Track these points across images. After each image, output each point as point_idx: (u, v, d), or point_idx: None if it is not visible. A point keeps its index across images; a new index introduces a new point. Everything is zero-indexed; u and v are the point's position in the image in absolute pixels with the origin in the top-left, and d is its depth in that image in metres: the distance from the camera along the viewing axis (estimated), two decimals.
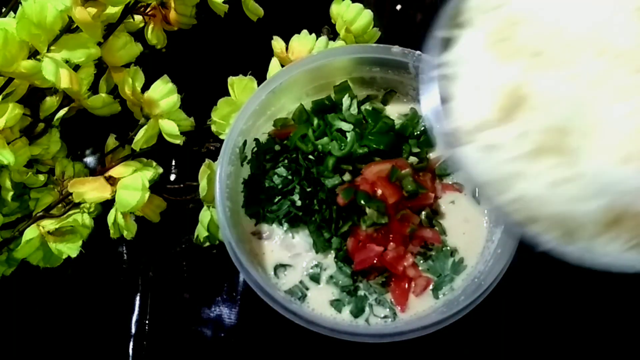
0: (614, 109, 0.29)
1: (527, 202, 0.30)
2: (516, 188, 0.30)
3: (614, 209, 0.29)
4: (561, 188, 0.29)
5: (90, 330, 0.53)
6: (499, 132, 0.30)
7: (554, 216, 0.29)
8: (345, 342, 0.42)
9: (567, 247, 0.30)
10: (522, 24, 0.31)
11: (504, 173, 0.30)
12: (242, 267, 0.44)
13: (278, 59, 0.52)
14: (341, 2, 0.53)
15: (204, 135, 0.54)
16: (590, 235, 0.30)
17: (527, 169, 0.30)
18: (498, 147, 0.30)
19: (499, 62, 0.31)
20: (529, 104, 0.29)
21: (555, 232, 0.30)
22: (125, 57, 0.49)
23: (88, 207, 0.49)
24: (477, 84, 0.31)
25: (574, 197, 0.29)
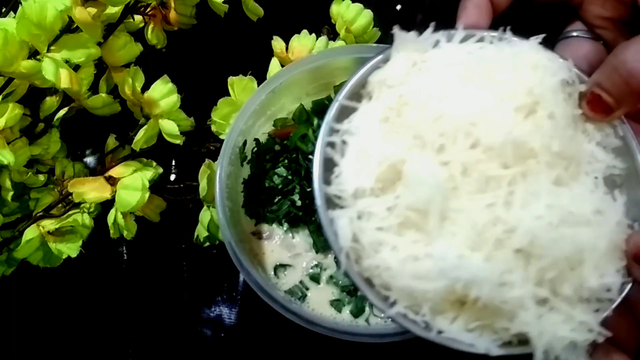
0: (474, 199, 0.31)
1: (382, 271, 0.32)
2: (376, 257, 0.32)
3: (453, 292, 0.30)
4: (410, 264, 0.31)
5: (90, 330, 0.53)
6: (373, 202, 0.32)
7: (403, 288, 0.31)
8: (345, 342, 0.42)
9: (415, 318, 0.31)
10: (410, 106, 0.33)
11: (369, 241, 0.32)
12: (242, 267, 0.44)
13: (278, 59, 0.52)
14: (341, 2, 0.53)
15: (204, 135, 0.54)
16: (435, 311, 0.31)
17: (390, 240, 0.31)
18: (369, 216, 0.32)
19: (387, 137, 0.33)
20: (403, 181, 0.32)
21: (405, 302, 0.32)
22: (125, 57, 0.49)
23: (88, 207, 0.49)
24: (363, 154, 0.33)
25: (419, 274, 0.31)
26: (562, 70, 0.34)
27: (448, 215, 0.31)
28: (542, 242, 0.30)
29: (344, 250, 0.32)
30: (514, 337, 0.31)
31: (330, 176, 0.34)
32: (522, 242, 0.30)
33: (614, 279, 0.32)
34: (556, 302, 0.31)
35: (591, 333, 0.31)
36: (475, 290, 0.30)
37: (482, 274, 0.29)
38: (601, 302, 0.32)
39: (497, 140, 0.31)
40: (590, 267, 0.31)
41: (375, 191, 0.33)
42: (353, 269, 0.33)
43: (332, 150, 0.34)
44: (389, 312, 0.32)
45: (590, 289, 0.31)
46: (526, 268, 0.30)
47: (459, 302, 0.31)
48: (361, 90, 0.36)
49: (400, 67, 0.35)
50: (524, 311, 0.30)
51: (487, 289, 0.30)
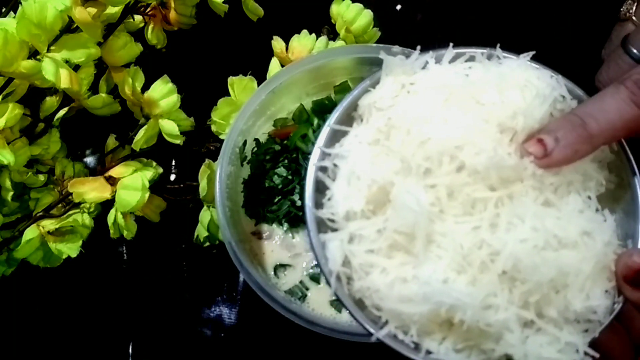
0: (460, 222, 0.31)
1: (372, 293, 0.32)
2: (366, 279, 0.32)
3: (439, 315, 0.31)
4: (398, 287, 0.31)
5: (90, 330, 0.53)
6: (364, 224, 0.33)
7: (391, 310, 0.32)
8: (345, 342, 0.42)
9: (404, 338, 0.32)
10: (397, 129, 0.33)
11: (360, 263, 0.32)
12: (242, 267, 0.44)
13: (278, 59, 0.52)
14: (341, 2, 0.53)
15: (204, 135, 0.54)
16: (423, 332, 0.32)
17: (380, 262, 0.32)
18: (360, 239, 0.33)
19: (376, 160, 0.33)
20: (392, 204, 0.32)
21: (395, 323, 0.32)
22: (125, 57, 0.49)
23: (88, 207, 0.49)
24: (354, 178, 0.33)
25: (405, 297, 0.31)
26: (551, 90, 0.34)
27: (434, 238, 0.31)
28: (525, 265, 0.30)
29: (334, 273, 0.33)
30: (502, 358, 0.32)
31: (322, 199, 0.34)
32: (506, 266, 0.30)
33: (600, 301, 0.32)
34: (542, 324, 0.31)
35: (578, 354, 0.31)
36: (459, 314, 0.30)
37: (466, 298, 0.30)
38: (590, 323, 0.32)
39: (482, 163, 0.31)
40: (575, 290, 0.31)
41: (366, 213, 0.33)
42: (343, 292, 0.33)
43: (324, 174, 0.35)
44: (378, 334, 0.32)
45: (575, 312, 0.31)
46: (511, 291, 0.31)
47: (448, 323, 0.32)
48: (352, 113, 0.37)
49: (388, 90, 0.35)
50: (509, 333, 0.31)
51: (471, 313, 0.30)
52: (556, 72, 0.36)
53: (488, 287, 0.30)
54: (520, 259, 0.30)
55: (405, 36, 0.56)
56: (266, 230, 0.49)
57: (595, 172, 0.34)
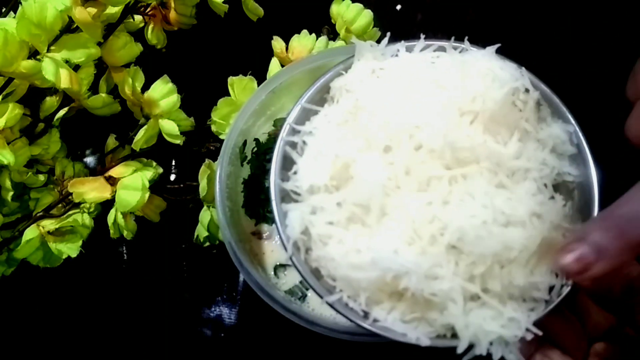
0: (414, 198, 0.33)
1: (327, 262, 0.34)
2: (324, 249, 0.34)
3: (386, 283, 0.32)
4: (351, 256, 0.33)
5: (90, 330, 0.53)
6: (326, 197, 0.34)
7: (344, 277, 0.33)
8: (345, 342, 0.42)
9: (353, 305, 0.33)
10: (363, 110, 0.35)
11: (319, 233, 0.34)
12: (242, 267, 0.44)
13: (278, 59, 0.52)
14: (341, 2, 0.53)
15: (204, 135, 0.54)
16: (372, 301, 0.33)
17: (338, 234, 0.33)
18: (321, 210, 0.34)
19: (342, 138, 0.35)
20: (353, 179, 0.34)
21: (348, 292, 0.34)
22: (125, 57, 0.49)
23: (88, 207, 0.49)
24: (320, 154, 0.35)
25: (355, 265, 0.32)
26: (510, 77, 0.35)
27: (389, 211, 0.33)
28: (470, 238, 0.31)
29: (292, 240, 0.34)
30: (448, 331, 0.33)
31: (289, 173, 0.36)
32: (453, 239, 0.31)
33: (543, 278, 0.32)
34: (487, 298, 0.32)
35: (521, 331, 0.32)
36: (404, 280, 0.31)
37: (412, 266, 0.31)
38: (536, 302, 0.33)
39: (438, 143, 0.32)
40: (519, 265, 0.32)
41: (329, 188, 0.34)
42: (299, 258, 0.34)
43: (292, 150, 0.36)
44: (328, 299, 0.33)
45: (519, 287, 0.32)
46: (457, 264, 0.32)
47: (398, 294, 0.33)
48: (325, 95, 0.39)
49: (359, 74, 0.37)
50: (452, 304, 0.32)
51: (416, 280, 0.31)
52: (521, 65, 0.37)
53: (435, 258, 0.31)
54: (467, 232, 0.31)
55: (405, 36, 0.56)
56: (266, 230, 0.49)
57: (553, 162, 0.35)
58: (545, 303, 0.33)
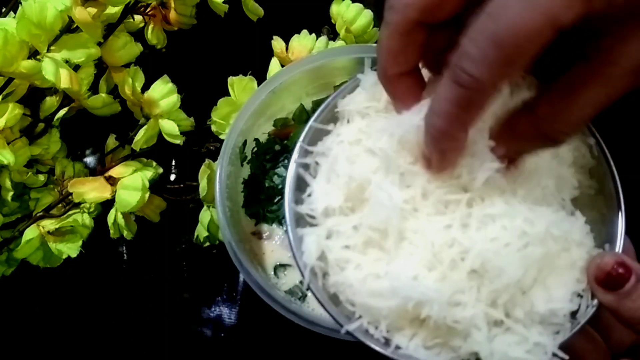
0: (433, 221, 0.31)
1: (345, 288, 0.33)
2: (341, 274, 0.33)
3: (407, 310, 0.31)
4: (370, 282, 0.32)
5: (90, 330, 0.53)
6: (341, 220, 0.33)
7: (363, 305, 0.32)
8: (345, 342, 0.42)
9: (374, 333, 0.32)
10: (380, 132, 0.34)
11: (336, 258, 0.33)
12: (242, 267, 0.44)
13: (278, 59, 0.52)
14: (341, 2, 0.53)
15: (204, 135, 0.54)
16: (393, 328, 0.32)
17: (355, 258, 0.32)
18: (337, 234, 0.33)
19: (356, 159, 0.34)
20: (368, 201, 0.33)
21: (368, 318, 0.32)
22: (125, 57, 0.49)
23: (88, 207, 0.49)
24: (333, 175, 0.34)
25: (375, 292, 0.31)
26: None
27: (407, 235, 0.32)
28: (493, 266, 0.30)
29: (309, 267, 0.33)
30: (472, 356, 0.32)
31: (302, 196, 0.35)
32: (475, 264, 0.30)
33: (562, 304, 0.31)
34: (510, 323, 0.31)
35: (546, 356, 0.31)
36: (426, 309, 0.30)
37: (433, 293, 0.30)
38: (561, 325, 0.32)
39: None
40: (539, 290, 0.31)
41: (344, 210, 0.33)
42: (317, 285, 0.33)
43: (305, 172, 0.35)
44: (348, 327, 0.32)
45: (539, 313, 0.31)
46: (479, 289, 0.31)
47: (419, 320, 0.32)
48: (336, 112, 0.37)
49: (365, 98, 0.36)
50: (476, 331, 0.31)
51: (438, 308, 0.30)
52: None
53: (456, 284, 0.30)
54: (489, 258, 0.30)
55: None
56: (266, 230, 0.49)
57: (571, 176, 0.34)
58: (569, 325, 0.32)
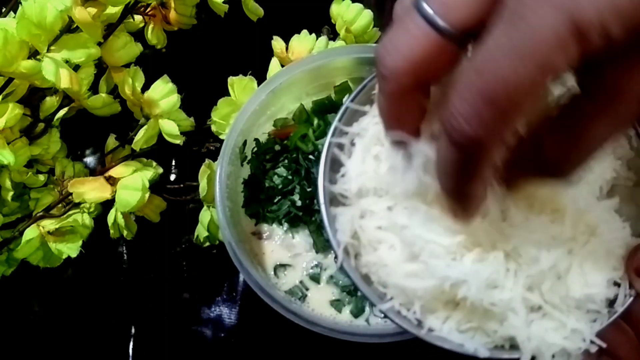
0: None
1: (379, 268, 0.32)
2: (374, 254, 0.32)
3: (443, 291, 0.31)
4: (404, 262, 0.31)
5: (90, 330, 0.53)
6: (375, 201, 0.33)
7: (397, 285, 0.32)
8: (345, 342, 0.42)
9: (407, 314, 0.32)
10: None
11: (369, 238, 0.33)
12: (242, 267, 0.44)
13: (278, 59, 0.52)
14: (341, 2, 0.53)
15: (204, 135, 0.54)
16: (427, 310, 0.32)
17: (389, 239, 0.32)
18: (371, 214, 0.33)
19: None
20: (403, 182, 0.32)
21: (400, 300, 0.32)
22: (125, 57, 0.49)
23: (88, 207, 0.49)
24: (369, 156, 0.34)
25: (411, 272, 0.31)
26: None
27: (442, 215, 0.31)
28: (526, 249, 0.30)
29: (342, 245, 0.33)
30: (507, 342, 0.31)
31: (336, 176, 0.35)
32: (507, 247, 0.30)
33: (599, 289, 0.31)
34: (548, 308, 0.31)
35: (585, 342, 0.30)
36: (463, 289, 0.30)
37: (471, 274, 0.30)
38: (599, 313, 0.32)
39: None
40: (575, 275, 0.31)
41: (378, 191, 0.33)
42: (350, 264, 0.33)
43: (340, 152, 0.35)
44: (382, 306, 0.32)
45: (574, 298, 0.31)
46: (516, 272, 0.30)
47: (453, 302, 0.32)
48: (372, 95, 0.36)
49: None
50: (513, 315, 0.30)
51: (475, 290, 0.30)
52: None
53: (494, 266, 0.30)
54: (522, 243, 0.30)
55: None
56: (266, 230, 0.49)
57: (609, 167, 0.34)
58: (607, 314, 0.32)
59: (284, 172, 0.49)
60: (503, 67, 0.21)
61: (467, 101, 0.22)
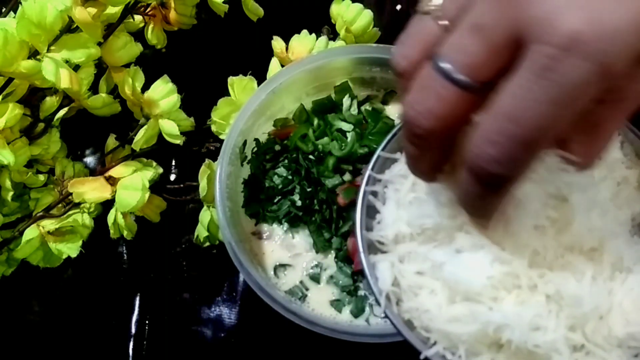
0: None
1: (421, 314, 0.33)
2: (415, 300, 0.33)
3: (487, 335, 0.31)
4: (446, 308, 0.32)
5: (90, 330, 0.53)
6: (413, 247, 0.34)
7: (440, 330, 0.32)
8: (345, 342, 0.42)
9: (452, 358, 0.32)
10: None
11: (409, 284, 0.33)
12: (242, 267, 0.44)
13: (278, 59, 0.52)
14: (341, 2, 0.53)
15: (204, 135, 0.54)
16: (472, 353, 0.32)
17: (429, 284, 0.33)
18: (409, 260, 0.34)
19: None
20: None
21: (444, 344, 0.33)
22: (125, 57, 0.49)
23: (88, 207, 0.49)
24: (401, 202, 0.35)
25: (453, 317, 0.32)
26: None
27: None
28: (569, 292, 0.31)
29: (384, 293, 0.34)
30: None
31: (372, 223, 0.36)
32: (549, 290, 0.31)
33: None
34: (591, 347, 0.31)
35: None
36: (507, 333, 0.30)
37: (514, 318, 0.30)
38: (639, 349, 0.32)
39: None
40: (617, 315, 0.31)
41: (414, 237, 0.34)
42: (393, 311, 0.34)
43: (374, 199, 0.36)
44: (427, 352, 0.33)
45: (617, 338, 0.31)
46: (558, 314, 0.31)
47: (497, 345, 0.32)
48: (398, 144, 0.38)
49: None
50: (557, 355, 0.31)
51: (519, 333, 0.30)
52: None
53: (536, 309, 0.31)
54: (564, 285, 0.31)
55: None
56: (266, 230, 0.49)
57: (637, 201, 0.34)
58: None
59: (284, 172, 0.49)
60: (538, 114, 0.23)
61: (499, 145, 0.24)
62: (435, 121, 0.27)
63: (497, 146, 0.24)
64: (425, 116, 0.27)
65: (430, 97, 0.26)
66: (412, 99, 0.27)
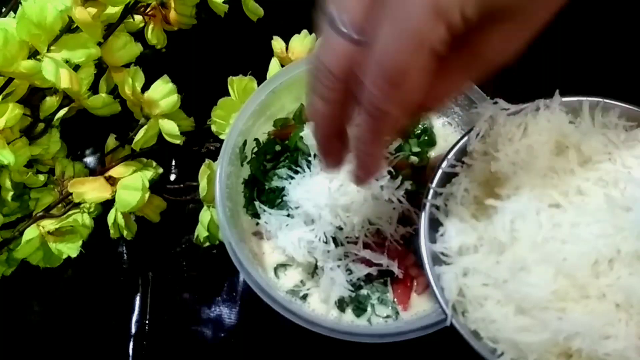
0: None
1: (487, 324, 0.33)
2: (481, 310, 0.34)
3: (556, 344, 0.32)
4: (514, 318, 0.33)
5: (90, 330, 0.53)
6: (477, 258, 0.34)
7: (508, 340, 0.33)
8: (345, 342, 0.42)
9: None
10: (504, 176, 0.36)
11: (475, 295, 0.34)
12: (242, 267, 0.44)
13: (278, 59, 0.52)
14: None
15: (204, 135, 0.54)
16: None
17: (495, 294, 0.33)
18: (474, 272, 0.34)
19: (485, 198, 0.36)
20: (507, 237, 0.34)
21: (512, 354, 0.33)
22: (125, 57, 0.49)
23: (88, 207, 0.49)
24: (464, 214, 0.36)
25: (522, 327, 0.32)
26: None
27: None
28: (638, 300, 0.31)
29: (451, 303, 0.34)
30: None
31: (436, 235, 0.37)
32: (619, 299, 0.31)
33: None
34: None
35: None
36: (577, 341, 0.31)
37: (584, 326, 0.31)
38: None
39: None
40: None
41: (478, 248, 0.35)
42: (459, 320, 0.35)
43: (437, 212, 0.37)
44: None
45: None
46: (628, 322, 0.31)
47: (566, 354, 0.32)
48: (463, 157, 0.39)
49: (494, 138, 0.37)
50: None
51: (589, 341, 0.31)
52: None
53: (605, 317, 0.31)
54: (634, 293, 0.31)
55: None
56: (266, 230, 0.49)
57: None
58: None
59: (284, 172, 0.49)
60: (392, 53, 0.28)
61: (377, 87, 0.29)
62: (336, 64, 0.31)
63: (376, 87, 0.29)
64: (328, 59, 0.31)
65: (328, 48, 0.31)
66: (317, 52, 0.32)
